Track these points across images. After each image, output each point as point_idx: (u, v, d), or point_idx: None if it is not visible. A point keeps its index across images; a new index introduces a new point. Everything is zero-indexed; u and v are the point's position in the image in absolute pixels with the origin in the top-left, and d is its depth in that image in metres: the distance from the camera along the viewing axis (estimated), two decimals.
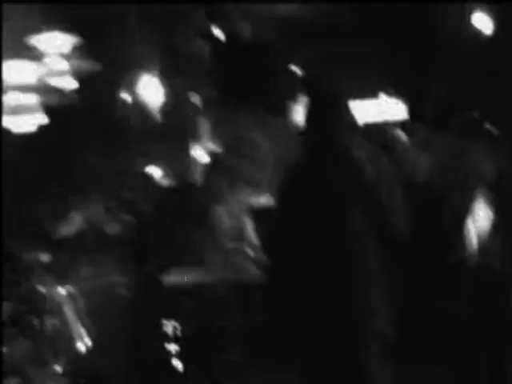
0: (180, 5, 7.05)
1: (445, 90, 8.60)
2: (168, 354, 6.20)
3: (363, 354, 3.74)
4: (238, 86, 7.58)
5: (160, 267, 6.26)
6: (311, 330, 3.85)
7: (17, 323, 5.56)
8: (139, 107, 7.22)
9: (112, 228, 6.99)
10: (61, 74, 5.35)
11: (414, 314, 4.88)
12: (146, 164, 7.91)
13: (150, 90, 7.19)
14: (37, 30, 5.38)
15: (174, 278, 5.99)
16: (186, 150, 8.23)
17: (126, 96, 7.27)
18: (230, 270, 6.07)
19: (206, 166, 7.55)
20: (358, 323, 3.77)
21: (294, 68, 7.94)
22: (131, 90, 7.19)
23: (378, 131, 5.99)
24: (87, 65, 5.64)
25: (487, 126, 5.97)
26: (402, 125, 7.30)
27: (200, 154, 8.17)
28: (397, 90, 8.75)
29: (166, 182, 7.79)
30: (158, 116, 7.34)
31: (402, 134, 6.04)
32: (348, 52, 8.51)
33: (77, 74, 5.52)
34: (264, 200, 7.04)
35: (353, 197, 3.77)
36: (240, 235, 6.71)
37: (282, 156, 6.67)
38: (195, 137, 8.35)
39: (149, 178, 7.85)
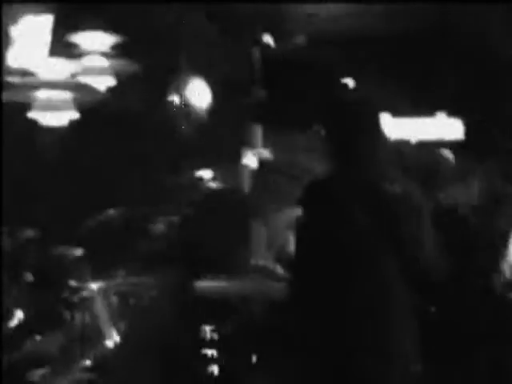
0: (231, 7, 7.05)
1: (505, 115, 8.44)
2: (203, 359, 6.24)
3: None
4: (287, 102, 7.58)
5: (193, 273, 6.26)
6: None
7: (48, 316, 5.64)
8: (188, 110, 7.28)
9: (156, 227, 7.08)
10: (98, 72, 5.41)
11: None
12: (197, 167, 7.96)
13: (199, 95, 7.25)
14: (80, 27, 5.46)
15: (205, 285, 5.92)
16: (237, 156, 8.27)
17: (174, 99, 7.33)
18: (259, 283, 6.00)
19: (254, 174, 7.52)
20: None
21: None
22: (180, 93, 7.25)
23: (426, 153, 5.84)
24: (128, 65, 5.71)
25: None
26: (455, 145, 7.23)
27: (251, 160, 8.18)
28: (456, 110, 8.67)
29: (214, 186, 7.81)
30: (206, 120, 7.39)
31: (450, 157, 5.88)
32: (406, 68, 8.47)
33: (117, 74, 5.57)
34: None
35: (382, 235, 3.60)
36: (279, 251, 6.67)
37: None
38: (248, 143, 8.38)
39: (198, 180, 7.90)
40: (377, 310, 3.57)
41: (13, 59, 5.19)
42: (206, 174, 7.96)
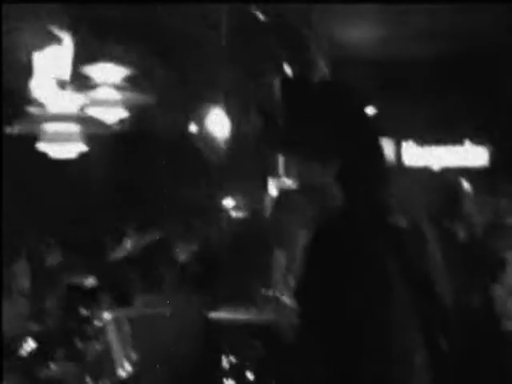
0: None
1: None
2: None
3: None
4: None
5: (211, 301, 6.27)
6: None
7: (62, 344, 5.68)
8: (208, 139, 7.32)
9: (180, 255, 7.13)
10: (108, 104, 5.48)
11: None
12: (222, 196, 8.02)
13: (218, 124, 7.29)
14: (91, 59, 5.52)
15: (222, 314, 5.94)
16: (261, 185, 8.30)
17: (194, 128, 7.39)
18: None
19: (274, 202, 7.53)
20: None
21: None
22: (199, 122, 7.30)
23: (445, 183, 5.80)
24: (139, 97, 5.77)
25: None
26: (480, 173, 7.16)
27: (274, 189, 8.21)
28: (481, 137, 8.61)
29: (238, 214, 7.86)
30: (226, 149, 7.41)
31: (468, 186, 5.85)
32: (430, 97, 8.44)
33: (129, 106, 5.64)
34: None
35: (390, 266, 3.59)
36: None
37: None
38: (272, 172, 8.40)
39: (222, 209, 7.95)
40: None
41: (32, 89, 5.28)
42: (229, 202, 8.01)
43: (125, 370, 5.86)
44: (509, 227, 6.25)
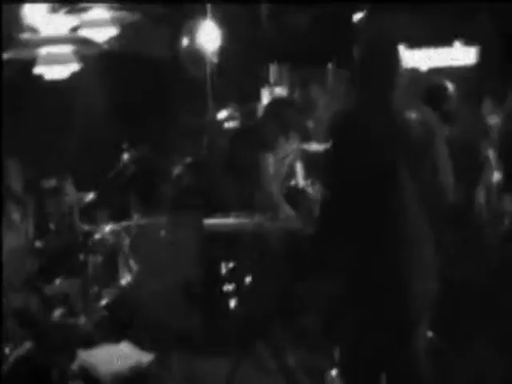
0: None
1: None
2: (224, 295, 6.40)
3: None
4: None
5: (207, 211, 6.35)
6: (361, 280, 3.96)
7: (66, 260, 5.86)
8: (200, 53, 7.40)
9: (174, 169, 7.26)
10: (100, 24, 5.58)
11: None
12: (215, 108, 8.09)
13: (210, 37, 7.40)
14: None
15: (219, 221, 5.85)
16: (255, 95, 8.41)
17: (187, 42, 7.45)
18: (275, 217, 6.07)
19: (263, 109, 7.63)
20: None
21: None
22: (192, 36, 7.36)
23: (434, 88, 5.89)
24: (128, 15, 5.86)
25: None
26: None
27: (268, 98, 8.34)
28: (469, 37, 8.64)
29: (231, 125, 7.95)
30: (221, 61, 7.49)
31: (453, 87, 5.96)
32: None
33: (120, 24, 5.73)
34: (315, 147, 7.16)
35: (401, 157, 3.84)
36: (289, 181, 6.82)
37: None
38: (265, 82, 8.52)
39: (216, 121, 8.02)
40: (398, 228, 3.85)
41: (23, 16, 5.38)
42: (223, 114, 8.09)
43: (126, 280, 6.07)
44: (491, 126, 6.42)
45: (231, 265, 6.53)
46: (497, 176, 5.81)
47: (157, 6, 6.71)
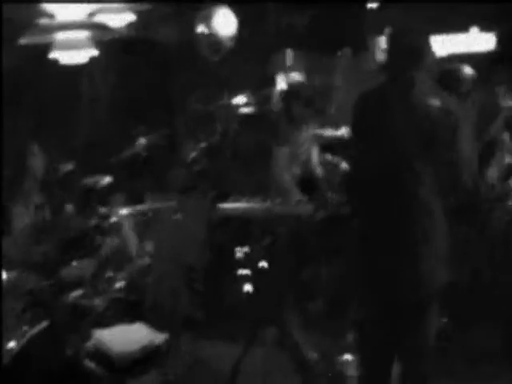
0: None
1: None
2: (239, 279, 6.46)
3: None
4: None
5: (219, 195, 6.42)
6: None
7: (82, 242, 5.93)
8: (216, 39, 7.45)
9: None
10: (115, 10, 5.62)
11: None
12: (231, 94, 8.14)
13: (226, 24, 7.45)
14: None
15: (229, 206, 5.98)
16: (270, 80, 8.46)
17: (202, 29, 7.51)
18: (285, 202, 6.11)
19: (283, 94, 7.69)
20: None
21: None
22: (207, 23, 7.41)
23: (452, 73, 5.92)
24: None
25: None
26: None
27: (283, 84, 8.38)
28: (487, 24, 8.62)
29: (246, 110, 8.00)
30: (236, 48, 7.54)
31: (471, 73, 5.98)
32: None
33: (136, 11, 5.77)
34: (331, 132, 7.22)
35: (423, 145, 3.88)
36: (305, 166, 6.89)
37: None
38: (281, 68, 8.56)
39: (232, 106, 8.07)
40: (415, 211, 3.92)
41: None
42: (239, 100, 8.13)
43: (141, 261, 6.14)
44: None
45: (245, 249, 6.59)
46: (509, 158, 5.84)
47: None
